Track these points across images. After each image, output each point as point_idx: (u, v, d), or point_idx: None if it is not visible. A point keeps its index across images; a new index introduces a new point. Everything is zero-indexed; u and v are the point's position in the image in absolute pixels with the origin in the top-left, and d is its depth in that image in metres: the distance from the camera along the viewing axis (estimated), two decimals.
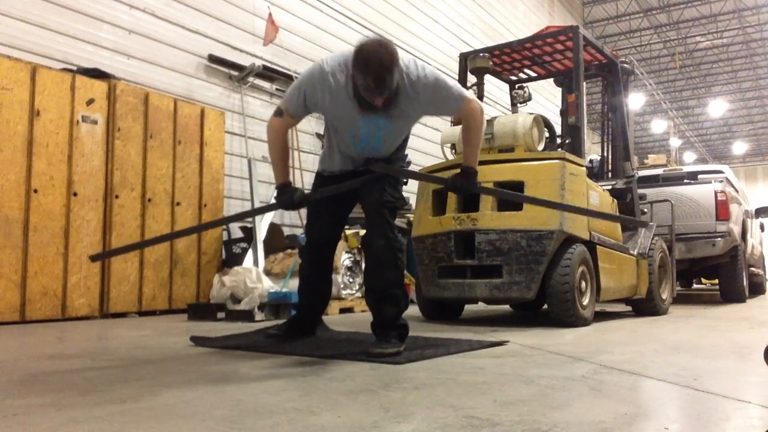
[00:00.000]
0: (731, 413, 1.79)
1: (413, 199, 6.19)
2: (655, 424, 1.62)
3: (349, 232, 6.07)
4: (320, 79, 2.80)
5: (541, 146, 4.71)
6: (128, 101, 5.54)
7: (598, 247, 4.56)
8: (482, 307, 6.42)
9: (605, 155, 6.33)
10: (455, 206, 4.44)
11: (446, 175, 3.40)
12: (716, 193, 7.31)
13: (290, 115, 2.97)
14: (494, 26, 13.73)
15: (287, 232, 7.09)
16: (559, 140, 5.25)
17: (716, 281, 8.69)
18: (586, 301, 4.37)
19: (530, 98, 5.41)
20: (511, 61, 5.82)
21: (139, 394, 1.99)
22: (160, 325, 4.65)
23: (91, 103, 5.26)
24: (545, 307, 4.64)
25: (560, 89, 6.33)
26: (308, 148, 8.03)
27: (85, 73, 5.41)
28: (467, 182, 2.95)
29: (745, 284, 7.83)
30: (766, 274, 10.79)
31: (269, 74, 7.58)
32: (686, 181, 7.98)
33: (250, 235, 6.47)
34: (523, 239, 4.16)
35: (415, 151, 10.11)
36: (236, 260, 6.20)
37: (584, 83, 5.49)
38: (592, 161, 6.15)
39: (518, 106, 5.41)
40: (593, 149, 16.80)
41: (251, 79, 7.47)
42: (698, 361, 2.74)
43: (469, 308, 5.98)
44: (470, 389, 2.03)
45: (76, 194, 5.10)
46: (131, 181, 5.52)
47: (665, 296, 5.75)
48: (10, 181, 4.70)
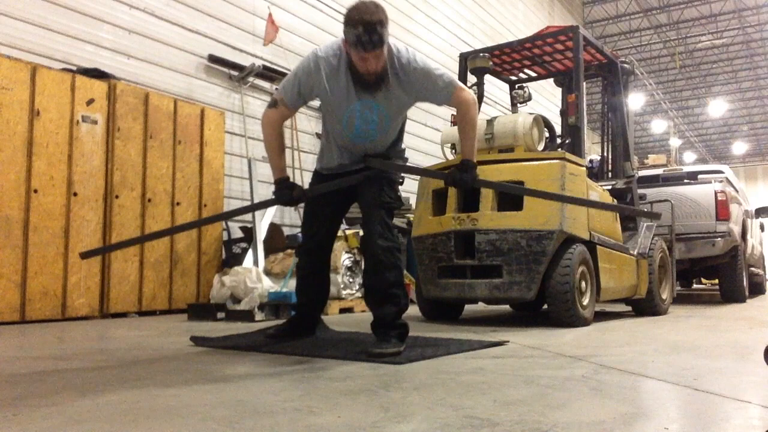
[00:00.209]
0: (731, 413, 1.79)
1: (413, 199, 6.19)
2: (655, 424, 1.62)
3: (349, 232, 6.08)
4: (315, 64, 2.86)
5: (541, 146, 4.72)
6: (128, 101, 5.54)
7: (598, 247, 4.56)
8: (482, 307, 6.42)
9: (605, 155, 6.33)
10: (455, 206, 4.44)
11: None
12: (716, 193, 7.31)
13: (285, 105, 2.99)
14: (494, 26, 13.73)
15: (287, 232, 7.09)
16: (559, 140, 5.25)
17: (716, 281, 8.69)
18: (586, 301, 4.37)
19: (530, 98, 5.41)
20: (511, 61, 5.82)
21: (139, 394, 1.99)
22: (160, 325, 4.65)
23: (91, 103, 5.26)
24: (545, 307, 4.64)
25: (560, 89, 6.33)
26: (308, 148, 8.03)
27: (85, 73, 5.41)
28: (467, 176, 2.95)
29: (745, 284, 7.83)
30: (766, 274, 10.79)
31: (269, 74, 7.58)
32: (686, 181, 7.98)
33: (250, 235, 6.47)
34: (523, 239, 4.16)
35: (415, 151, 10.12)
36: (236, 260, 6.20)
37: (584, 83, 5.49)
38: (592, 161, 6.15)
39: (518, 106, 5.41)
40: (593, 149, 16.81)
41: (251, 79, 7.47)
42: (698, 361, 2.73)
43: (469, 308, 5.98)
44: (470, 389, 2.03)
45: (76, 194, 5.10)
46: (131, 181, 5.52)
47: (665, 296, 5.75)
48: (10, 181, 4.70)
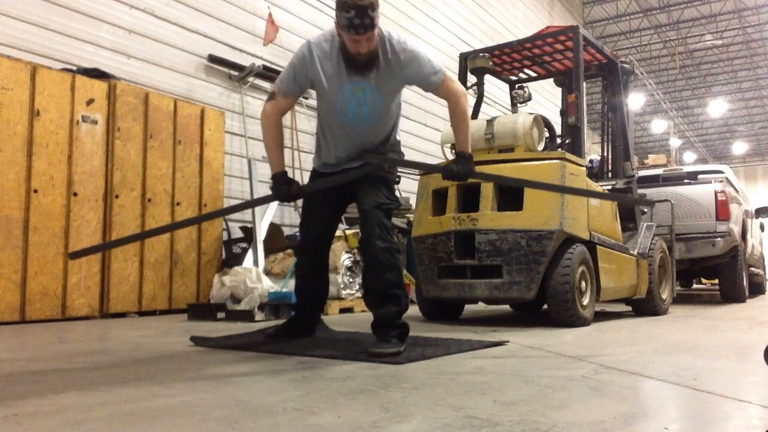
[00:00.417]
0: (731, 413, 1.79)
1: (413, 199, 6.19)
2: (655, 424, 1.62)
3: (349, 232, 6.07)
4: (308, 50, 2.95)
5: (541, 146, 4.72)
6: (128, 101, 5.54)
7: (598, 247, 4.56)
8: (482, 307, 6.42)
9: (605, 155, 6.33)
10: (455, 206, 4.44)
11: None
12: (716, 193, 7.30)
13: (283, 94, 3.03)
14: (494, 26, 13.73)
15: (287, 232, 7.09)
16: (559, 140, 5.25)
17: (716, 281, 8.69)
18: (586, 301, 4.37)
19: (530, 98, 5.42)
20: (511, 61, 5.82)
21: (139, 394, 1.99)
22: (160, 325, 4.65)
23: (91, 103, 5.26)
24: (545, 307, 4.64)
25: (560, 89, 6.33)
26: (308, 148, 8.02)
27: (85, 73, 5.41)
28: (464, 167, 2.96)
29: (745, 284, 7.83)
30: (766, 274, 10.79)
31: (269, 74, 7.57)
32: (686, 181, 7.98)
33: (250, 235, 6.47)
34: (523, 239, 4.16)
35: (415, 151, 10.12)
36: (236, 260, 6.20)
37: (584, 83, 5.49)
38: (592, 161, 6.15)
39: (518, 106, 5.42)
40: (593, 149, 16.81)
41: (251, 79, 7.47)
42: (698, 361, 2.73)
43: (469, 308, 5.98)
44: (470, 389, 2.03)
45: (76, 194, 5.10)
46: (131, 181, 5.52)
47: (665, 296, 5.75)
48: (10, 181, 4.70)
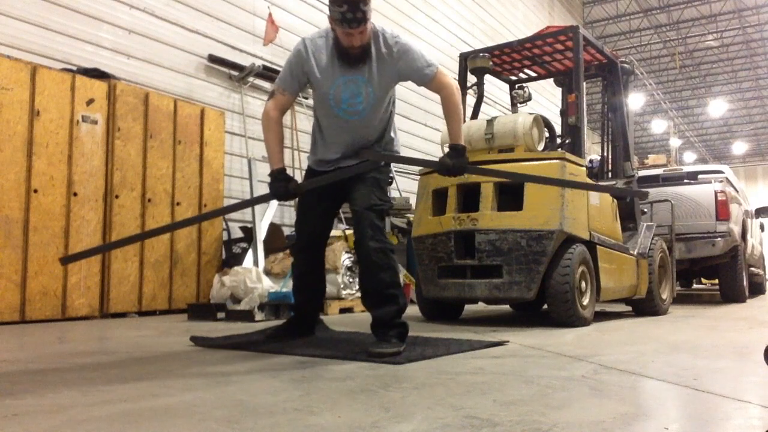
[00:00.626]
0: (731, 413, 1.79)
1: (413, 199, 6.19)
2: (655, 424, 1.62)
3: (349, 232, 6.07)
4: (303, 45, 3.03)
5: (541, 146, 4.71)
6: (128, 101, 5.54)
7: (598, 247, 4.56)
8: (482, 307, 6.42)
9: (605, 155, 6.33)
10: (455, 206, 4.44)
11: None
12: (716, 193, 7.30)
13: (282, 91, 3.09)
14: (494, 26, 13.73)
15: (287, 232, 7.09)
16: (559, 140, 5.25)
17: (716, 281, 8.69)
18: (586, 301, 4.37)
19: (530, 98, 5.42)
20: (511, 61, 5.82)
21: (139, 394, 1.99)
22: (160, 325, 4.65)
23: (91, 103, 5.26)
24: (545, 307, 4.64)
25: (560, 89, 6.33)
26: (308, 148, 8.01)
27: (85, 73, 5.41)
28: (458, 161, 2.97)
29: (745, 284, 7.83)
30: (766, 274, 10.79)
31: (269, 74, 7.57)
32: (686, 181, 7.98)
33: (250, 235, 6.47)
34: (523, 239, 4.16)
35: (415, 151, 10.12)
36: (236, 260, 6.20)
37: (584, 83, 5.48)
38: (592, 161, 6.15)
39: (518, 106, 5.42)
40: (593, 149, 16.81)
41: (251, 79, 7.47)
42: (698, 361, 2.73)
43: (469, 308, 5.98)
44: (470, 389, 2.03)
45: (76, 194, 5.10)
46: (131, 181, 5.52)
47: (665, 296, 5.75)
48: (10, 181, 4.70)
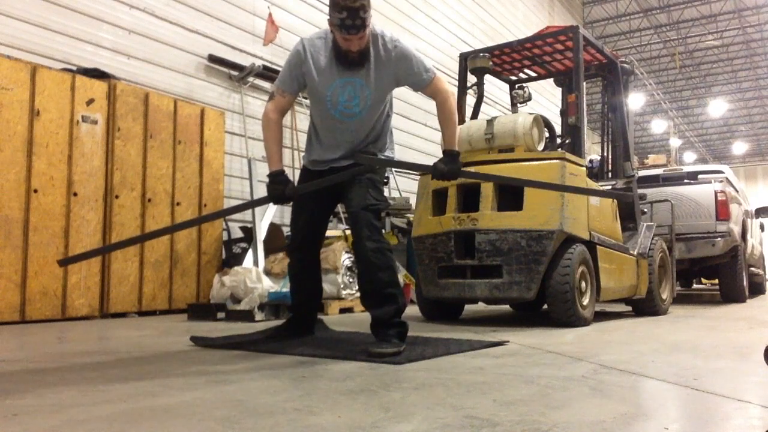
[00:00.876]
0: (731, 413, 1.79)
1: (413, 199, 6.19)
2: (655, 424, 1.62)
3: (349, 232, 6.07)
4: (302, 46, 3.03)
5: (541, 146, 4.71)
6: (128, 101, 5.54)
7: (598, 247, 4.56)
8: (482, 307, 6.42)
9: (605, 155, 6.33)
10: (455, 206, 4.44)
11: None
12: (716, 193, 7.30)
13: (282, 92, 3.09)
14: (494, 26, 13.73)
15: (287, 232, 7.09)
16: (559, 140, 5.24)
17: (716, 281, 8.69)
18: (586, 301, 4.37)
19: (530, 98, 5.41)
20: (511, 61, 5.82)
21: (139, 394, 1.99)
22: (160, 325, 4.65)
23: (91, 103, 5.26)
24: (545, 307, 4.64)
25: (560, 89, 6.33)
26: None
27: (85, 73, 5.41)
28: (451, 166, 2.98)
29: (745, 284, 7.82)
30: (766, 274, 10.79)
31: (269, 74, 7.57)
32: (686, 181, 7.97)
33: (250, 235, 6.47)
34: (523, 239, 4.16)
35: (415, 151, 10.13)
36: (236, 260, 6.20)
37: (584, 83, 5.48)
38: (592, 161, 6.15)
39: (518, 106, 5.41)
40: (593, 149, 16.81)
41: (251, 79, 7.47)
42: (698, 361, 2.73)
43: (469, 308, 5.98)
44: (470, 389, 2.03)
45: (76, 194, 5.10)
46: (131, 181, 5.52)
47: (665, 296, 5.75)
48: (10, 181, 4.70)
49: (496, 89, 8.84)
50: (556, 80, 6.34)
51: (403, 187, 8.88)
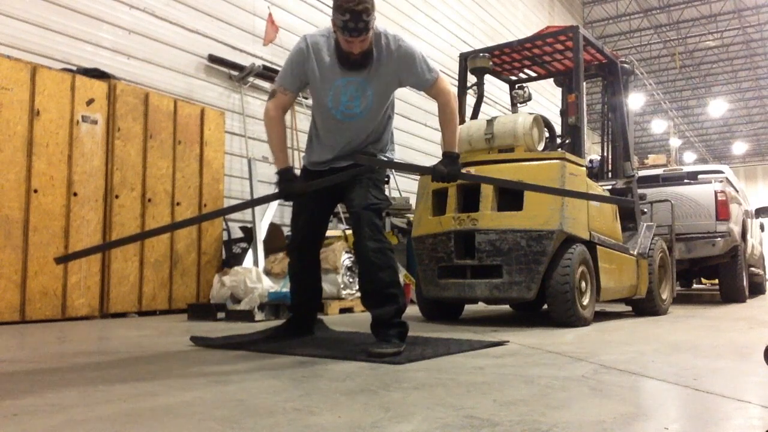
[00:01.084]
0: (731, 413, 1.79)
1: (413, 199, 6.19)
2: (655, 424, 1.62)
3: (349, 232, 6.07)
4: (304, 43, 3.00)
5: (541, 146, 4.71)
6: (128, 101, 5.54)
7: (598, 247, 4.56)
8: (482, 307, 6.42)
9: (605, 155, 6.33)
10: (455, 206, 4.44)
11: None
12: (716, 193, 7.30)
13: (283, 90, 3.07)
14: (494, 26, 13.73)
15: (287, 232, 7.09)
16: (559, 140, 5.25)
17: (716, 281, 8.69)
18: (586, 301, 4.37)
19: (530, 98, 5.41)
20: (511, 61, 5.82)
21: (139, 394, 1.99)
22: (160, 325, 4.65)
23: (91, 103, 5.26)
24: (545, 307, 4.64)
25: (560, 89, 6.33)
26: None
27: (85, 73, 5.41)
28: (451, 168, 2.98)
29: (745, 284, 7.82)
30: (766, 274, 10.79)
31: (269, 74, 7.56)
32: (686, 181, 7.98)
33: (250, 235, 6.47)
34: (523, 239, 4.16)
35: (415, 151, 10.13)
36: (236, 260, 6.20)
37: (584, 83, 5.48)
38: (592, 161, 6.15)
39: (518, 106, 5.41)
40: (593, 149, 16.81)
41: (251, 79, 7.47)
42: (698, 361, 2.73)
43: (469, 308, 5.98)
44: (470, 389, 2.03)
45: (76, 194, 5.10)
46: (131, 181, 5.52)
47: (665, 296, 5.75)
48: (10, 181, 4.70)
49: (496, 89, 8.84)
50: (556, 80, 6.35)
51: (403, 187, 8.88)
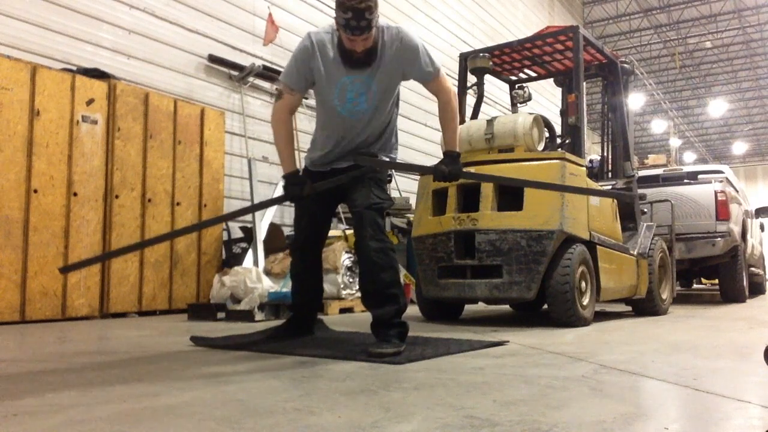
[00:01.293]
0: (731, 413, 1.79)
1: (413, 199, 6.19)
2: (655, 424, 1.62)
3: (349, 232, 6.07)
4: (309, 41, 2.97)
5: (541, 146, 4.71)
6: (128, 101, 5.54)
7: (598, 247, 4.56)
8: (482, 307, 6.42)
9: (605, 155, 6.32)
10: (455, 206, 4.44)
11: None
12: (716, 193, 7.30)
13: (289, 90, 3.04)
14: (494, 26, 13.73)
15: (287, 232, 7.09)
16: (559, 140, 5.25)
17: (716, 281, 8.69)
18: (586, 301, 4.37)
19: (530, 98, 5.41)
20: (511, 61, 5.82)
21: (139, 394, 1.99)
22: (160, 325, 4.65)
23: (91, 103, 5.26)
24: (545, 307, 4.64)
25: (560, 89, 6.33)
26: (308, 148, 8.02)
27: (85, 73, 5.41)
28: (453, 167, 2.98)
29: (745, 284, 7.82)
30: (766, 274, 10.79)
31: (269, 74, 7.58)
32: (686, 181, 7.97)
33: (250, 235, 6.47)
34: (523, 239, 4.16)
35: (415, 151, 10.12)
36: (236, 260, 6.20)
37: (584, 83, 5.48)
38: (592, 161, 6.15)
39: (518, 106, 5.41)
40: (593, 149, 16.81)
41: (251, 79, 7.47)
42: (698, 361, 2.73)
43: (469, 308, 5.98)
44: (470, 389, 2.03)
45: (76, 194, 5.10)
46: (131, 181, 5.52)
47: (665, 296, 5.75)
48: (10, 181, 4.70)
49: (496, 89, 8.84)
50: (556, 80, 6.34)
51: (403, 187, 8.88)
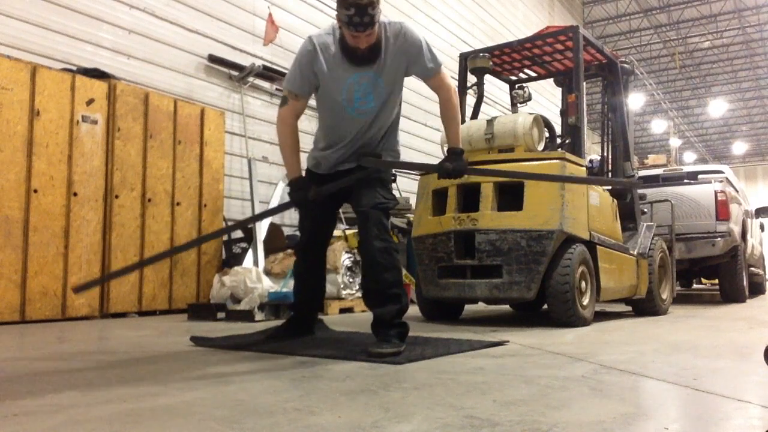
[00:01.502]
0: (731, 413, 1.79)
1: (413, 199, 6.19)
2: (655, 424, 1.62)
3: (349, 232, 6.07)
4: (311, 44, 2.95)
5: (541, 146, 4.71)
6: (128, 101, 5.54)
7: (598, 247, 4.56)
8: (482, 307, 6.42)
9: (605, 155, 6.32)
10: (455, 206, 4.44)
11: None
12: (716, 193, 7.30)
13: (294, 95, 3.03)
14: (494, 26, 13.73)
15: (287, 232, 7.09)
16: (559, 140, 5.25)
17: (716, 281, 8.69)
18: (586, 301, 4.37)
19: (530, 98, 5.41)
20: (511, 61, 5.82)
21: (139, 394, 1.99)
22: (160, 325, 4.65)
23: (91, 103, 5.26)
24: (545, 307, 4.64)
25: (560, 89, 6.33)
26: (309, 148, 8.02)
27: (85, 73, 5.41)
28: (457, 164, 2.97)
29: (745, 284, 7.82)
30: (766, 274, 10.79)
31: (269, 74, 7.58)
32: (686, 181, 7.98)
33: (250, 235, 6.46)
34: (523, 239, 4.16)
35: (415, 151, 10.12)
36: (236, 260, 6.20)
37: (584, 83, 5.48)
38: (592, 161, 6.14)
39: (518, 106, 5.41)
40: (593, 149, 16.81)
41: (251, 79, 7.47)
42: (698, 361, 2.73)
43: (469, 308, 5.98)
44: (470, 389, 2.03)
45: (76, 194, 5.10)
46: (131, 181, 5.52)
47: (665, 296, 5.75)
48: (10, 181, 4.70)
49: (496, 89, 8.83)
50: (556, 80, 6.34)
51: (403, 187, 8.87)
